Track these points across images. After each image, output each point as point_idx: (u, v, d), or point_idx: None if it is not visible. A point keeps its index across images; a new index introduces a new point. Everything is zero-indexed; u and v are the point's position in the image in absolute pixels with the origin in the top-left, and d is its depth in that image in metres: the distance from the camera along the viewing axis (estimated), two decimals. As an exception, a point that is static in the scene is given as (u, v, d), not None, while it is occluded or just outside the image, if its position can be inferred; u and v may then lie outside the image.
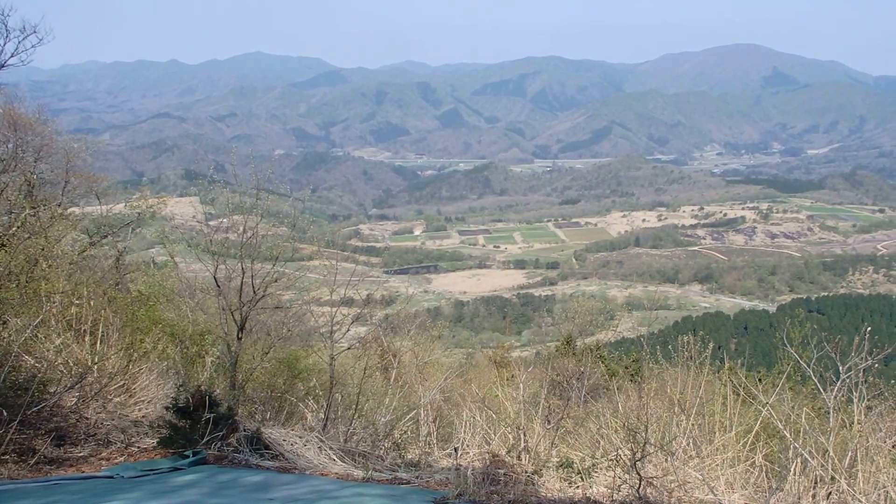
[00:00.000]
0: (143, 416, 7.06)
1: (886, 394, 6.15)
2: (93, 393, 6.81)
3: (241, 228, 8.24)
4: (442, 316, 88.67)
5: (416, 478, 5.58)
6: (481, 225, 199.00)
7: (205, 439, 6.00)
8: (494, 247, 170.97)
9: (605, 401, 9.16)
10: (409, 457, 6.80)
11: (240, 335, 8.00)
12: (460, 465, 5.55)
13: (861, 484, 4.91)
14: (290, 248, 8.81)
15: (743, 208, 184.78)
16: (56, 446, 6.01)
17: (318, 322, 10.23)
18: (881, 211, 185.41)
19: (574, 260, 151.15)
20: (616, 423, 6.33)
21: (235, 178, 9.24)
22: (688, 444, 5.72)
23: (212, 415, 6.07)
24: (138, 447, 6.25)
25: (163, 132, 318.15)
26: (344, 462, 6.12)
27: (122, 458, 5.97)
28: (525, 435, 6.17)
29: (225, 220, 8.84)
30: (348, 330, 8.71)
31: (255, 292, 8.11)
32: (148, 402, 7.40)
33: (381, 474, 5.68)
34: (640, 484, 4.92)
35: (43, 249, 9.39)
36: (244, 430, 6.27)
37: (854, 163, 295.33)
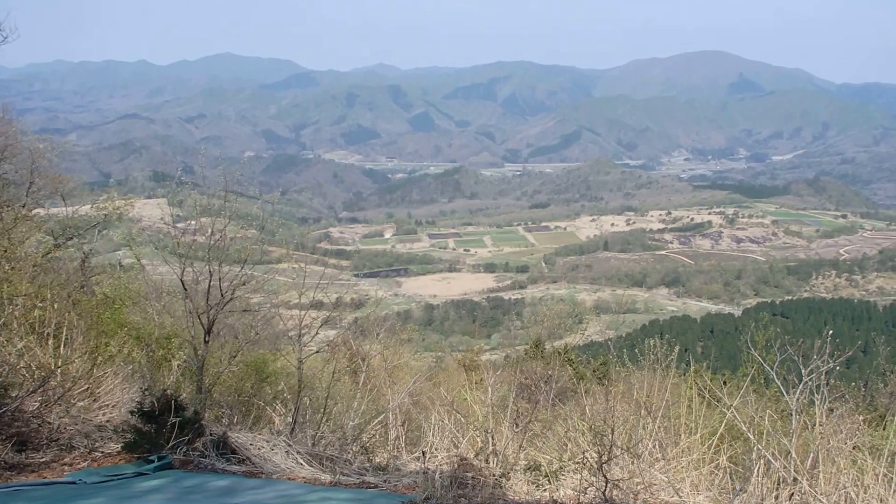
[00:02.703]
0: (107, 421, 6.96)
1: (847, 396, 6.26)
2: (56, 397, 6.70)
3: (210, 231, 8.15)
4: (412, 319, 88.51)
5: (384, 482, 5.57)
6: (452, 228, 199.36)
7: (170, 444, 5.93)
8: (464, 250, 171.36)
9: (572, 404, 9.21)
10: (378, 461, 6.78)
11: (207, 338, 7.91)
12: (428, 469, 5.55)
13: (822, 485, 4.98)
14: (258, 251, 8.72)
15: (709, 213, 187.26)
16: (17, 452, 5.90)
17: (287, 325, 10.16)
18: (844, 216, 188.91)
19: (543, 264, 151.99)
20: (583, 425, 6.36)
21: (204, 179, 9.15)
22: (654, 447, 5.77)
23: (178, 419, 6.01)
24: (102, 452, 6.16)
25: (131, 133, 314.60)
26: (311, 466, 6.09)
27: (85, 464, 5.89)
28: (493, 438, 6.19)
29: (193, 222, 8.73)
30: (317, 333, 8.64)
31: (222, 295, 8.02)
32: (112, 407, 7.29)
33: (349, 478, 5.66)
34: (606, 486, 4.95)
35: (6, 251, 9.23)
36: (210, 435, 6.21)
37: (818, 169, 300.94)
